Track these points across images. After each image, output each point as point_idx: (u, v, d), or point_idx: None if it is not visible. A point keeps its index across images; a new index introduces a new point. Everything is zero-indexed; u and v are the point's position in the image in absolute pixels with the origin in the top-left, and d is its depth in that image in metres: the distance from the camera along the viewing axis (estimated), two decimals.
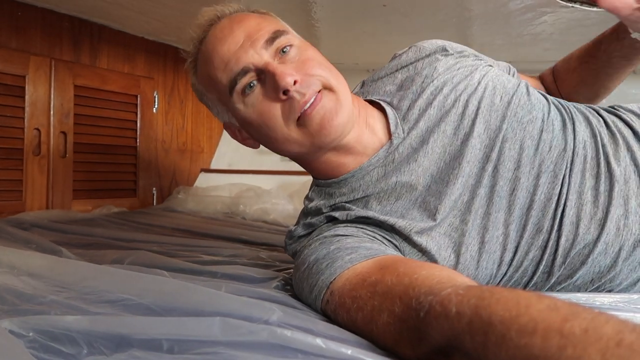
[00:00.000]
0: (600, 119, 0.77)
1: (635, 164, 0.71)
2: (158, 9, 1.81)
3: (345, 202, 0.76)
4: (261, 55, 0.69)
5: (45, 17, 1.83)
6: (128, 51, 2.13)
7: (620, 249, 0.68)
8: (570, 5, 1.62)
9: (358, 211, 0.73)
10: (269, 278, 0.87)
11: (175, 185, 2.35)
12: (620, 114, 0.79)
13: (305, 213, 0.82)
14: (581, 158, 0.71)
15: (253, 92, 0.70)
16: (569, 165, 0.71)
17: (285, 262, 1.07)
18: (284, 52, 0.70)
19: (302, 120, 0.69)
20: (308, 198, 0.83)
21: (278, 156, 2.58)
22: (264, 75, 0.69)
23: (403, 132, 0.76)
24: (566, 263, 0.70)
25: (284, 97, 0.67)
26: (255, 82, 0.69)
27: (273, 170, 2.37)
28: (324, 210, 0.78)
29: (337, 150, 0.75)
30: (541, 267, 0.70)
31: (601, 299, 0.66)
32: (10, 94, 1.72)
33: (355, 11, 1.72)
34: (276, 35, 0.70)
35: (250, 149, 0.83)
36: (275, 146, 0.74)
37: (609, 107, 0.83)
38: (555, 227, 0.70)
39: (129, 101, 2.13)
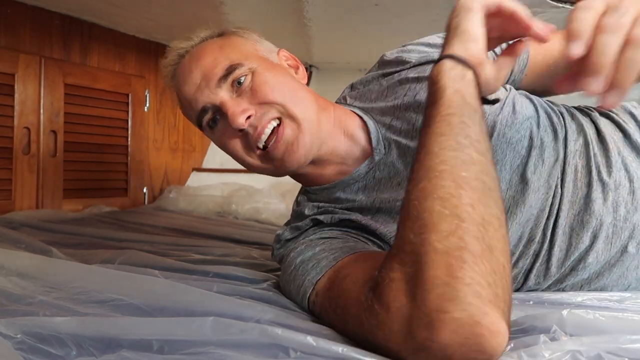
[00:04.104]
0: (592, 125, 0.76)
1: (627, 170, 0.71)
2: (149, 7, 1.80)
3: (330, 208, 0.77)
4: (216, 94, 0.72)
5: (35, 15, 1.81)
6: (119, 49, 2.12)
7: (609, 257, 0.69)
8: (561, 5, 1.63)
9: (342, 214, 0.74)
10: (260, 278, 0.87)
11: (167, 184, 2.34)
12: (612, 115, 0.78)
13: (294, 217, 0.83)
14: (572, 168, 0.71)
15: (217, 126, 0.74)
16: (560, 175, 0.70)
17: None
18: (239, 83, 0.72)
19: (266, 156, 0.72)
20: (297, 201, 0.85)
21: None
22: (223, 111, 0.72)
23: (385, 148, 0.75)
24: (559, 272, 0.70)
25: (240, 134, 0.71)
26: (218, 117, 0.74)
27: None
28: (310, 213, 0.78)
29: (314, 163, 0.75)
30: (532, 276, 0.71)
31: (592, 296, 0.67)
32: None
33: (347, 10, 1.72)
34: (230, 70, 0.72)
35: None
36: (247, 169, 0.77)
37: (599, 106, 0.82)
38: (548, 237, 0.70)
39: (119, 100, 2.11)
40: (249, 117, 0.69)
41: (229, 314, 0.56)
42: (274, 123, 0.70)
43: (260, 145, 0.71)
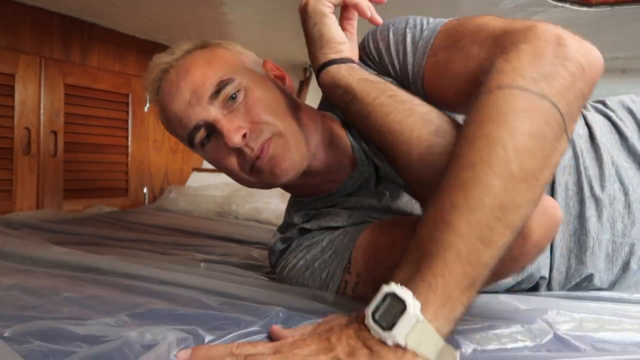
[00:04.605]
0: (586, 129, 0.73)
1: (621, 182, 0.68)
2: (149, 7, 1.80)
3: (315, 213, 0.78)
4: (208, 111, 0.69)
5: (35, 15, 1.81)
6: (119, 50, 2.11)
7: (613, 276, 0.68)
8: (561, 4, 1.63)
9: (327, 222, 0.75)
10: (263, 277, 0.88)
11: (167, 184, 2.34)
12: (610, 114, 0.75)
13: (284, 226, 0.84)
14: (563, 186, 0.69)
15: (210, 143, 0.72)
16: (550, 194, 0.68)
17: None
18: (232, 98, 0.69)
19: (254, 169, 0.70)
20: (287, 212, 0.85)
21: None
22: (216, 129, 0.69)
23: (367, 159, 0.76)
24: (562, 292, 0.70)
25: (235, 151, 0.70)
26: (210, 134, 0.71)
27: None
28: (299, 222, 0.80)
29: (303, 175, 0.74)
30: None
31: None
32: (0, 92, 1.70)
33: None
34: (220, 86, 0.69)
35: None
36: (241, 184, 0.76)
37: (599, 101, 0.79)
38: (547, 261, 0.68)
39: (120, 100, 2.11)
40: (244, 136, 0.68)
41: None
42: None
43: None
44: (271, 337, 0.51)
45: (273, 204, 1.99)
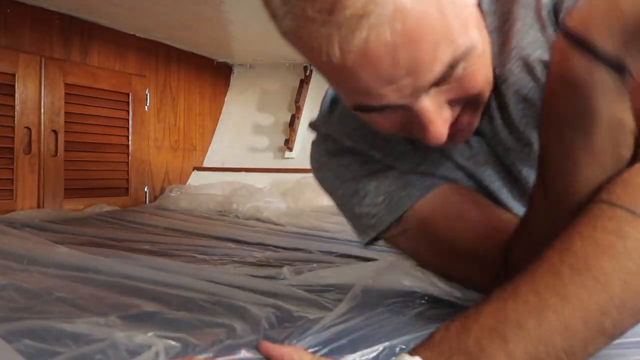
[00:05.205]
0: None
1: None
2: (149, 6, 1.80)
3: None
4: (419, 99, 0.45)
5: (35, 15, 1.81)
6: (119, 49, 2.11)
7: None
8: None
9: (392, 159, 0.63)
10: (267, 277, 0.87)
11: (168, 183, 2.34)
12: None
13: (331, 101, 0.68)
14: None
15: (376, 112, 0.49)
16: None
17: (279, 260, 1.07)
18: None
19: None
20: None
21: (271, 153, 2.58)
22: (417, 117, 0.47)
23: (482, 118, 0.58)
24: None
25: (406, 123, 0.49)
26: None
27: (266, 168, 2.37)
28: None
29: None
30: None
31: None
32: (0, 92, 1.70)
33: None
34: (448, 72, 0.44)
35: (243, 146, 0.79)
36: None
37: None
38: None
39: (120, 99, 2.11)
40: None
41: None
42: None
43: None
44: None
45: (274, 202, 1.99)
